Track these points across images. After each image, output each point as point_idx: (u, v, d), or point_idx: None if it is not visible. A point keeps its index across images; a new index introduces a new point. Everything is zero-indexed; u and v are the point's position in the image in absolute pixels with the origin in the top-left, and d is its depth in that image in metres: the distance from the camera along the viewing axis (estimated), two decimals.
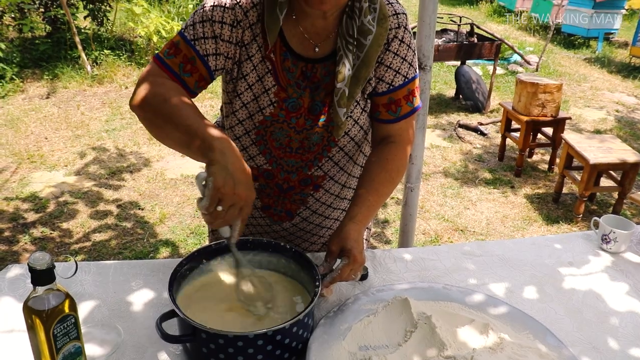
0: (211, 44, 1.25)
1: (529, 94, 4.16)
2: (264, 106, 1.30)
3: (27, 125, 4.90)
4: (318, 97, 1.32)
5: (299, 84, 1.30)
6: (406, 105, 1.37)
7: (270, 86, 1.28)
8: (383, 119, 1.38)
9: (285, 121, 1.32)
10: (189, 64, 1.25)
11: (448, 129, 5.21)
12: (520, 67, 7.27)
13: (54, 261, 0.99)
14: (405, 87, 1.36)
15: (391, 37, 1.31)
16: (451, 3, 11.48)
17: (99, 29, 6.70)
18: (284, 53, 1.28)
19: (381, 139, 1.41)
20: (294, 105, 1.31)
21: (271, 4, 1.22)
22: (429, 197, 3.98)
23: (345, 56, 1.25)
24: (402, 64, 1.34)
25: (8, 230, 3.41)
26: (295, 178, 1.42)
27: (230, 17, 1.24)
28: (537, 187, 4.20)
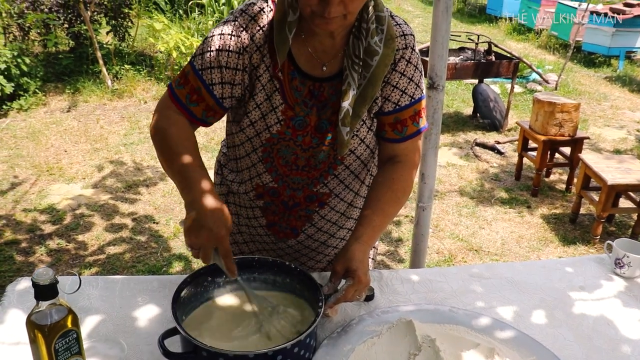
0: (217, 73, 1.28)
1: (546, 113, 4.13)
2: (271, 124, 1.31)
3: (48, 138, 4.99)
4: (325, 115, 1.33)
5: (306, 102, 1.31)
6: (412, 125, 1.38)
7: (278, 104, 1.30)
8: (389, 138, 1.39)
9: (291, 139, 1.33)
10: (195, 94, 1.29)
11: (465, 147, 5.18)
12: (539, 85, 7.22)
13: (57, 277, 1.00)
14: (412, 108, 1.37)
15: (398, 57, 1.32)
16: (470, 21, 11.47)
17: (120, 44, 6.83)
18: (292, 72, 1.30)
19: (387, 158, 1.41)
20: (300, 124, 1.32)
21: (280, 23, 1.24)
22: (443, 216, 3.95)
23: (351, 76, 1.27)
24: (408, 85, 1.35)
25: (25, 241, 3.46)
26: (300, 195, 1.42)
27: (236, 45, 1.27)
28: (554, 208, 4.15)
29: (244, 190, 1.47)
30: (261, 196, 1.44)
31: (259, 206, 1.47)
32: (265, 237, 1.53)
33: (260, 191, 1.43)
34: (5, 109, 5.48)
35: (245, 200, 1.49)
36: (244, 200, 1.49)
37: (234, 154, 1.45)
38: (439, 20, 2.08)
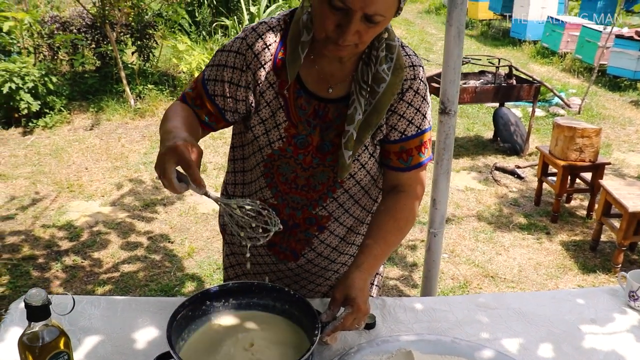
0: (219, 86, 1.33)
1: (566, 138, 4.07)
2: (273, 140, 1.33)
3: (70, 155, 5.08)
4: (327, 137, 1.33)
5: (309, 122, 1.32)
6: (417, 155, 1.38)
7: (282, 121, 1.31)
8: (394, 166, 1.39)
9: (292, 157, 1.35)
10: (199, 99, 1.35)
11: (484, 171, 5.13)
12: (561, 109, 7.14)
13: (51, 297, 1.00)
14: (418, 138, 1.37)
15: (406, 87, 1.33)
16: (494, 44, 11.43)
17: (144, 64, 6.96)
18: (298, 90, 1.31)
19: (391, 187, 1.41)
20: (302, 142, 1.33)
21: (294, 42, 1.26)
22: (460, 241, 3.89)
23: (358, 101, 1.27)
24: (415, 115, 1.35)
25: (42, 257, 3.51)
26: (300, 216, 1.42)
27: (240, 62, 1.30)
28: (574, 234, 4.06)
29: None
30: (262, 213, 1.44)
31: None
32: (267, 257, 1.53)
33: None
34: (31, 126, 5.61)
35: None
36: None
37: (239, 166, 1.48)
38: (451, 45, 2.07)
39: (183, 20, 7.86)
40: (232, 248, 1.63)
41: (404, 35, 11.83)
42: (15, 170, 4.76)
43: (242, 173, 1.48)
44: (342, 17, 1.12)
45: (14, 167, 4.84)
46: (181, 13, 7.20)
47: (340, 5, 1.09)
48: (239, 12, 8.86)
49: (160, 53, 7.16)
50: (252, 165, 1.41)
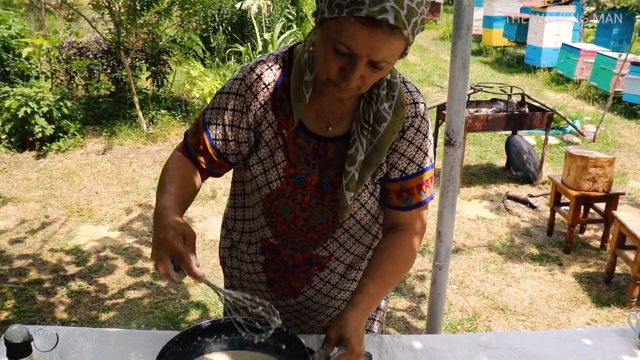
0: (220, 130, 1.31)
1: (579, 168, 4.01)
2: (271, 180, 1.31)
3: (81, 179, 5.12)
4: (327, 176, 1.31)
5: (308, 161, 1.30)
6: (418, 194, 1.35)
7: (280, 161, 1.29)
8: (394, 205, 1.36)
9: (290, 196, 1.32)
10: (201, 145, 1.32)
11: (496, 200, 5.06)
12: (576, 137, 7.07)
13: (30, 334, 0.98)
14: (419, 177, 1.34)
15: (407, 125, 1.30)
16: (508, 71, 11.41)
17: (158, 90, 7.04)
18: (297, 130, 1.29)
19: (391, 226, 1.38)
20: (301, 182, 1.31)
21: (297, 82, 1.24)
22: (470, 271, 3.82)
23: (359, 140, 1.25)
24: (416, 153, 1.33)
25: (48, 282, 3.50)
26: (300, 256, 1.40)
27: (241, 104, 1.29)
28: (588, 266, 3.97)
29: (247, 240, 1.46)
30: (262, 251, 1.43)
31: (260, 262, 1.45)
32: (266, 293, 1.50)
33: (262, 245, 1.43)
34: (45, 149, 5.67)
35: (247, 255, 1.48)
36: (246, 255, 1.48)
37: (240, 202, 1.46)
38: (456, 76, 2.05)
39: (197, 46, 7.96)
40: (232, 281, 1.60)
41: (418, 62, 11.88)
42: (27, 194, 4.80)
43: (242, 209, 1.46)
44: (347, 61, 1.10)
45: (26, 190, 4.88)
46: (195, 39, 7.31)
47: (345, 51, 1.07)
48: (253, 38, 8.98)
49: (174, 79, 7.25)
50: (252, 202, 1.39)
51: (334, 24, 1.07)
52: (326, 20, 1.09)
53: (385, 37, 1.04)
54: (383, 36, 1.04)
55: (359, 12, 1.01)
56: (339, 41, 1.06)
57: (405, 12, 1.03)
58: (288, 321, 1.55)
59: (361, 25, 1.03)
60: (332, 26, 1.08)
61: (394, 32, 1.04)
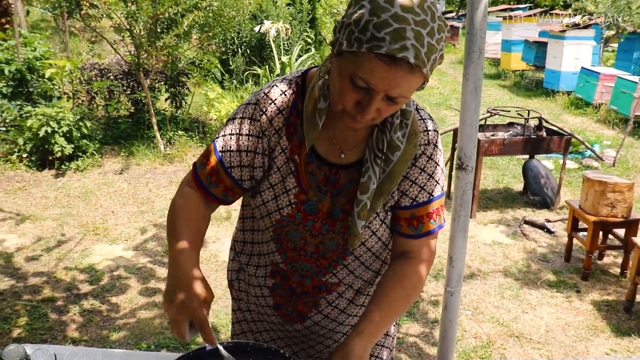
0: (236, 156, 1.29)
1: (597, 193, 3.94)
2: (282, 206, 1.29)
3: (98, 199, 5.17)
4: (338, 203, 1.30)
5: (320, 187, 1.29)
6: (429, 222, 1.33)
7: (291, 187, 1.28)
8: (403, 232, 1.34)
9: (301, 223, 1.31)
10: (215, 175, 1.30)
11: (513, 225, 5.00)
12: (595, 161, 6.97)
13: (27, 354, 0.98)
14: (430, 205, 1.32)
15: (419, 153, 1.29)
16: (527, 95, 11.36)
17: (176, 111, 7.13)
18: (309, 156, 1.28)
19: (400, 253, 1.37)
20: (312, 209, 1.29)
21: (310, 109, 1.23)
22: (485, 297, 3.76)
23: (372, 169, 1.24)
24: (428, 181, 1.31)
25: (61, 300, 3.52)
26: (309, 283, 1.38)
27: (256, 129, 1.28)
28: (607, 294, 3.88)
29: (255, 263, 1.45)
30: (272, 275, 1.42)
31: (268, 286, 1.44)
32: (273, 317, 1.49)
33: (272, 269, 1.41)
34: (64, 168, 5.76)
35: (255, 279, 1.46)
36: (254, 278, 1.47)
37: (249, 225, 1.45)
38: (468, 100, 2.04)
39: (215, 69, 8.07)
40: (239, 304, 1.59)
41: (436, 85, 11.89)
42: (45, 212, 4.86)
43: (251, 232, 1.45)
44: (364, 95, 1.09)
45: (44, 208, 4.94)
46: (214, 62, 7.40)
47: (363, 85, 1.06)
48: (271, 61, 9.08)
49: (192, 100, 7.34)
50: (262, 227, 1.37)
51: (352, 57, 1.06)
52: (344, 53, 1.08)
53: (404, 74, 1.03)
54: (402, 73, 1.03)
55: (379, 49, 1.00)
56: (356, 75, 1.05)
57: (425, 49, 1.02)
58: (295, 345, 1.53)
59: (381, 62, 1.02)
60: (350, 59, 1.07)
61: (414, 70, 1.03)
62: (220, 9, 6.13)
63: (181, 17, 6.13)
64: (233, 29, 8.61)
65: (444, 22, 1.06)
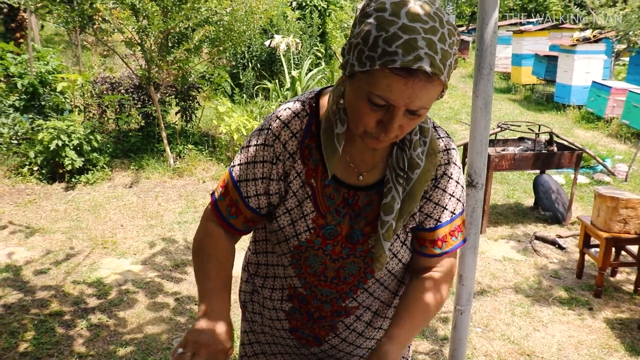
0: (252, 185, 1.27)
1: (609, 209, 3.89)
2: (300, 232, 1.26)
3: (107, 212, 5.18)
4: (357, 225, 1.27)
5: (339, 210, 1.26)
6: (451, 240, 1.32)
7: (309, 212, 1.25)
8: (427, 253, 1.33)
9: (320, 248, 1.28)
10: (234, 207, 1.29)
11: (523, 240, 4.94)
12: (607, 176, 6.90)
13: None
14: (452, 223, 1.32)
15: (440, 173, 1.28)
16: (538, 109, 11.31)
17: (186, 125, 7.16)
18: (325, 179, 1.25)
19: (421, 270, 1.35)
20: (331, 233, 1.27)
21: (328, 134, 1.20)
22: (495, 314, 3.70)
23: (395, 189, 1.22)
24: (449, 201, 1.30)
25: (69, 314, 3.51)
26: (328, 309, 1.36)
27: (270, 155, 1.26)
28: (620, 311, 3.81)
29: (271, 285, 1.42)
30: (290, 299, 1.39)
31: (284, 310, 1.41)
32: (289, 340, 1.47)
33: (290, 293, 1.38)
34: (74, 181, 5.79)
35: (270, 302, 1.43)
36: (269, 301, 1.44)
37: (262, 248, 1.42)
38: (478, 116, 2.02)
39: (225, 82, 8.12)
40: (253, 326, 1.55)
41: (447, 100, 11.87)
42: (54, 225, 4.88)
43: (265, 254, 1.42)
44: (384, 113, 1.07)
45: (53, 221, 4.96)
46: (224, 76, 7.44)
47: (381, 103, 1.04)
48: (281, 75, 9.12)
49: (202, 114, 7.37)
50: (278, 251, 1.35)
51: (366, 76, 1.04)
52: (357, 74, 1.06)
53: (422, 85, 1.01)
54: (420, 84, 1.01)
55: (393, 63, 0.98)
56: (373, 94, 1.03)
57: (439, 56, 1.00)
58: None
59: (396, 77, 1.00)
60: (364, 79, 1.04)
61: (431, 79, 1.01)
62: (230, 24, 6.17)
63: (192, 31, 6.17)
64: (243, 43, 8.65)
65: (452, 26, 1.04)
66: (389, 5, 1.01)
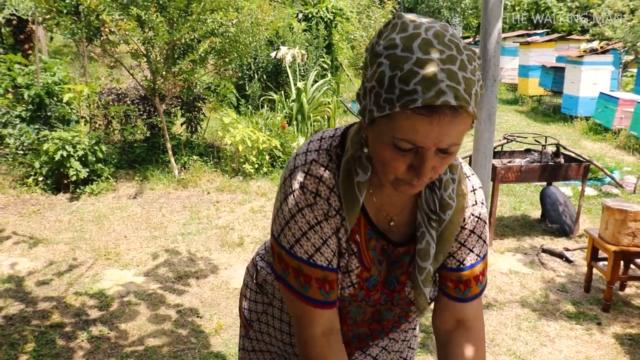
0: (319, 256, 1.16)
1: (617, 222, 3.83)
2: (344, 287, 1.21)
3: (111, 223, 5.17)
4: (394, 273, 1.23)
5: (379, 260, 1.21)
6: (476, 286, 1.26)
7: (354, 268, 1.19)
8: (450, 294, 1.26)
9: (364, 299, 1.24)
10: (301, 276, 1.16)
11: (530, 253, 4.88)
12: (615, 188, 6.83)
13: None
14: (477, 267, 1.25)
15: (468, 214, 1.22)
16: (545, 120, 11.25)
17: (191, 136, 7.17)
18: (369, 232, 1.18)
19: (454, 322, 1.28)
20: (373, 284, 1.22)
21: (347, 184, 1.11)
22: (501, 329, 3.64)
23: (428, 233, 1.16)
24: (477, 242, 1.24)
25: (70, 325, 3.49)
26: (354, 344, 1.33)
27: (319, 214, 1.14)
28: (629, 326, 3.74)
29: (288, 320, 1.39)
30: None
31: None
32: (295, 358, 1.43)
33: None
34: (78, 192, 5.79)
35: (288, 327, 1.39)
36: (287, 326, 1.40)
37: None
38: (482, 128, 1.99)
39: (231, 94, 8.13)
40: (259, 345, 1.49)
41: None
42: (58, 235, 4.87)
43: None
44: (413, 157, 0.98)
45: (57, 232, 4.95)
46: (229, 87, 7.45)
47: (408, 147, 0.96)
48: (287, 87, 9.13)
49: (207, 125, 7.37)
50: None
51: (387, 121, 0.96)
52: (377, 119, 0.98)
53: (449, 121, 0.93)
54: (447, 120, 0.92)
55: (414, 102, 0.90)
56: (398, 138, 0.95)
57: (463, 86, 0.91)
58: None
59: (421, 117, 0.92)
60: (386, 124, 0.97)
61: (458, 113, 0.93)
62: (236, 35, 6.18)
63: (198, 42, 6.19)
64: (249, 55, 8.69)
65: (471, 50, 0.97)
66: (399, 40, 0.94)
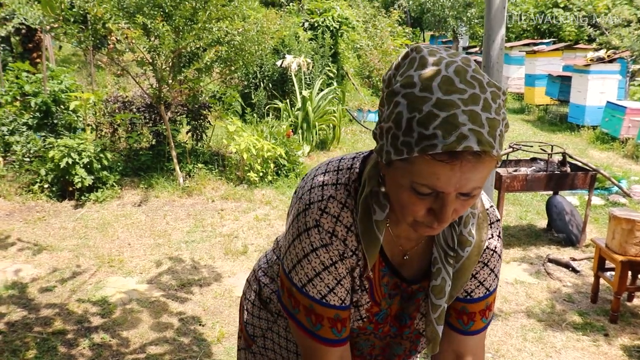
0: (333, 297, 1.13)
1: (624, 231, 3.79)
2: (353, 320, 1.19)
3: (115, 230, 5.17)
4: (407, 310, 1.21)
5: (391, 294, 1.19)
6: (480, 320, 1.22)
7: (364, 303, 1.18)
8: (452, 324, 1.23)
9: (373, 332, 1.22)
10: (313, 315, 1.14)
11: (536, 263, 4.84)
12: (622, 198, 6.77)
13: None
14: (484, 301, 1.22)
15: (484, 246, 1.17)
16: (551, 129, 11.21)
17: (197, 144, 7.18)
18: (383, 269, 1.16)
19: (454, 355, 1.25)
20: (383, 317, 1.21)
21: (365, 222, 1.08)
22: (506, 339, 3.60)
23: (445, 270, 1.13)
24: (488, 276, 1.20)
25: (72, 333, 3.47)
26: None
27: (334, 254, 1.11)
28: (638, 338, 3.68)
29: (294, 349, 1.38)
30: None
31: None
32: None
33: None
34: (83, 199, 5.79)
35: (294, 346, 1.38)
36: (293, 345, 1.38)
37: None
38: None
39: (236, 102, 8.14)
40: (261, 358, 1.46)
41: None
42: (62, 242, 4.87)
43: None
44: (433, 200, 0.95)
45: (61, 239, 4.95)
46: (235, 95, 7.46)
47: (428, 192, 0.93)
48: (293, 95, 9.14)
49: (212, 133, 7.38)
50: None
51: (405, 165, 0.92)
52: (394, 162, 0.94)
53: (471, 166, 0.88)
54: (469, 166, 0.87)
55: (434, 148, 0.85)
56: (417, 183, 0.92)
57: (487, 128, 0.85)
58: None
59: (441, 163, 0.87)
60: (404, 167, 0.92)
61: (482, 157, 0.87)
62: (242, 44, 6.20)
63: (203, 51, 6.21)
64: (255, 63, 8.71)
65: (495, 86, 0.91)
66: (417, 78, 0.88)
